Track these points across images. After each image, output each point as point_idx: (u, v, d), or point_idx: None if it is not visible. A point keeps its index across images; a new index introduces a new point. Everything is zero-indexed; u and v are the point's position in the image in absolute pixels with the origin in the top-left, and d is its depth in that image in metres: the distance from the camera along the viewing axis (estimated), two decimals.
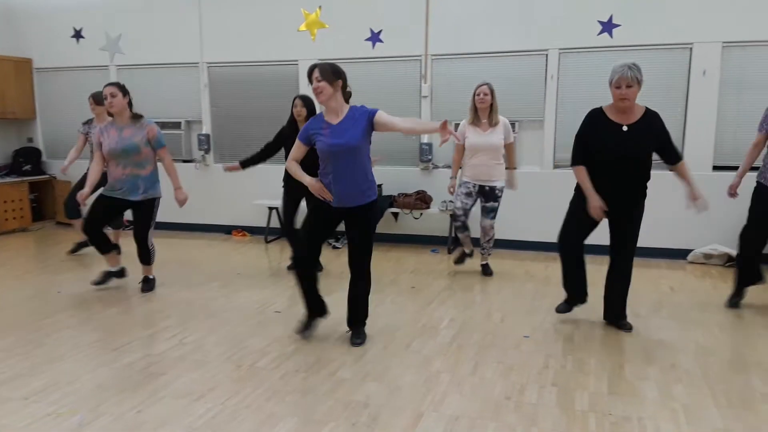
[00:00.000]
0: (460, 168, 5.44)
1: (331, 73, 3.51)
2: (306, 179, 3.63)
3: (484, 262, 5.68)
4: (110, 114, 4.82)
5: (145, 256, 5.00)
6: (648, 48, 5.94)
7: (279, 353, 3.64)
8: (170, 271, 5.61)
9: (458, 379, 3.29)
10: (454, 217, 5.50)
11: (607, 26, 5.98)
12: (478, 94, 5.18)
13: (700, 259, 5.93)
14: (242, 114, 7.55)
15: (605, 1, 6.01)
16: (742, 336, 3.98)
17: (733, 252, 5.76)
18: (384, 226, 6.93)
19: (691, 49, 5.87)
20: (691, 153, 5.90)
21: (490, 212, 5.36)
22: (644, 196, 3.93)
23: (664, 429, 2.74)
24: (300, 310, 4.49)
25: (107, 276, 5.11)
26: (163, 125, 7.79)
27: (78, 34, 8.00)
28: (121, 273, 5.19)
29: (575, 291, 4.23)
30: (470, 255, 5.69)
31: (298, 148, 3.69)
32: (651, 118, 3.81)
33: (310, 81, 3.54)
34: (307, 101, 5.44)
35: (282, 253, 6.59)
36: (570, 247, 4.13)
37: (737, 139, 5.81)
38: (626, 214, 3.91)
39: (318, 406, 2.95)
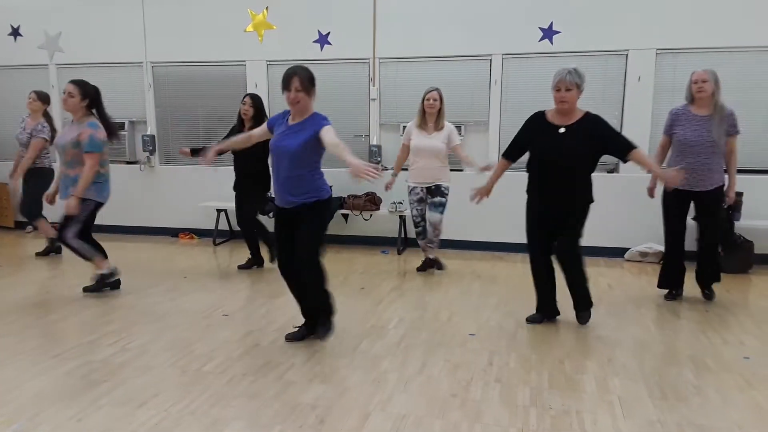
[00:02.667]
0: (405, 170, 5.54)
1: (309, 82, 3.53)
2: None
3: (432, 256, 5.78)
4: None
5: (77, 254, 4.80)
6: (586, 54, 6.16)
7: (226, 357, 3.61)
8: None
9: (405, 378, 3.34)
10: (414, 224, 5.63)
11: (548, 33, 6.17)
12: (428, 99, 5.30)
13: (636, 257, 6.19)
14: (189, 114, 7.43)
15: (546, 9, 6.21)
16: (676, 330, 4.18)
17: None
18: (334, 227, 6.91)
19: (626, 55, 6.13)
20: None
21: (438, 207, 5.47)
22: (585, 198, 4.04)
23: (602, 421, 2.86)
24: (248, 313, 4.49)
25: (102, 279, 4.95)
26: None
27: (15, 32, 7.69)
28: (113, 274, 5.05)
29: (542, 304, 4.30)
30: (433, 261, 5.80)
31: (261, 128, 3.86)
32: (590, 121, 3.96)
33: (288, 88, 3.49)
34: (256, 101, 5.46)
35: (231, 256, 6.52)
36: (534, 255, 4.23)
37: None
38: (565, 216, 4.04)
39: (265, 410, 2.94)
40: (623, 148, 3.95)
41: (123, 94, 7.55)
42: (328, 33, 6.80)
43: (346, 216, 7.00)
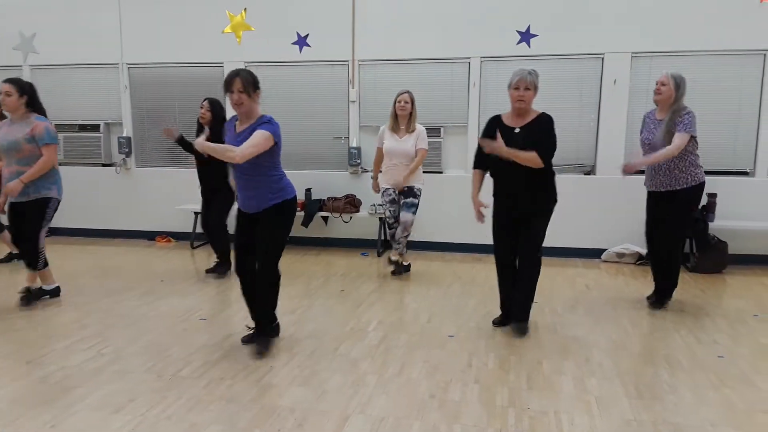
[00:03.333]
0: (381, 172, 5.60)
1: (252, 84, 3.49)
2: None
3: (395, 258, 5.71)
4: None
5: (33, 258, 4.60)
6: (563, 57, 6.23)
7: (203, 361, 3.58)
8: (88, 280, 5.38)
9: (385, 380, 3.34)
10: (388, 225, 5.65)
11: (525, 36, 6.23)
12: (399, 102, 5.32)
13: (614, 257, 6.27)
14: (165, 116, 7.35)
15: (524, 13, 6.27)
16: (652, 330, 4.23)
17: (644, 251, 6.13)
18: (314, 230, 6.93)
19: (602, 59, 6.21)
20: (604, 158, 6.26)
21: (410, 207, 5.47)
22: (544, 197, 4.02)
23: (579, 421, 2.89)
24: (226, 317, 4.45)
25: (38, 294, 4.80)
26: (81, 128, 7.51)
27: None
28: (56, 291, 4.92)
29: (506, 306, 4.28)
30: (408, 267, 5.81)
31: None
32: (542, 120, 3.97)
33: (230, 90, 3.47)
34: (214, 105, 5.43)
35: (209, 259, 6.45)
36: (499, 258, 4.24)
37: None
38: (526, 214, 4.02)
39: (243, 414, 2.92)
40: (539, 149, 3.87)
41: (98, 96, 7.46)
42: (307, 35, 6.79)
43: (325, 218, 6.98)
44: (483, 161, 4.14)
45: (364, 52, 6.71)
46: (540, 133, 3.93)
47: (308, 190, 6.84)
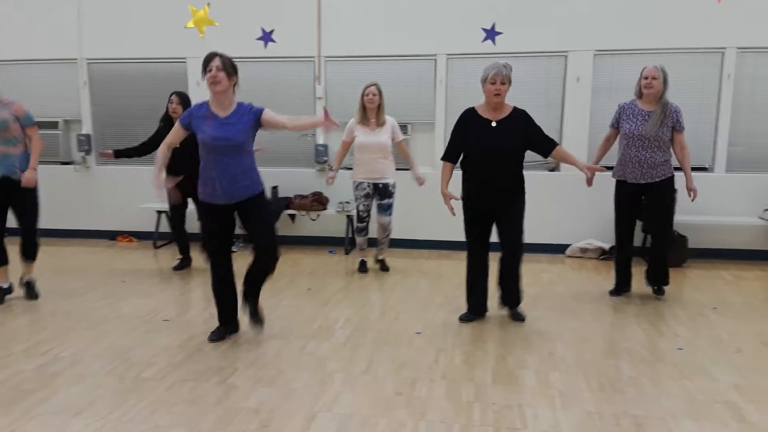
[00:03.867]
0: (348, 168, 5.54)
1: (231, 67, 3.49)
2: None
3: (381, 257, 5.81)
4: None
5: (33, 249, 4.70)
6: (527, 55, 6.30)
7: (166, 363, 3.51)
8: (47, 281, 5.23)
9: (352, 378, 3.32)
10: (357, 217, 5.59)
11: (491, 34, 6.27)
12: (367, 95, 5.30)
13: (577, 253, 6.37)
14: (127, 113, 7.19)
15: (489, 10, 6.31)
16: (613, 324, 4.31)
17: (606, 245, 6.26)
18: (280, 228, 6.86)
19: (566, 57, 6.29)
20: None
21: (386, 209, 5.50)
22: (520, 189, 4.14)
23: (542, 414, 2.92)
24: (190, 318, 4.38)
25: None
26: (39, 125, 7.26)
27: None
28: (9, 290, 4.80)
29: (478, 300, 4.33)
30: (366, 267, 5.81)
31: (176, 133, 3.65)
32: (519, 115, 4.06)
33: (208, 69, 3.43)
34: (183, 98, 5.39)
35: (173, 258, 6.33)
36: (475, 251, 4.26)
37: None
38: (504, 206, 4.10)
39: (207, 416, 2.87)
40: (547, 144, 4.09)
41: (56, 92, 7.25)
42: (272, 30, 6.71)
43: (293, 216, 6.92)
44: (456, 154, 4.16)
45: (330, 49, 6.67)
46: (530, 127, 4.05)
47: (275, 188, 6.77)
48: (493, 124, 4.01)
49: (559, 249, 6.46)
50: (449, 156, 4.19)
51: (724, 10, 5.91)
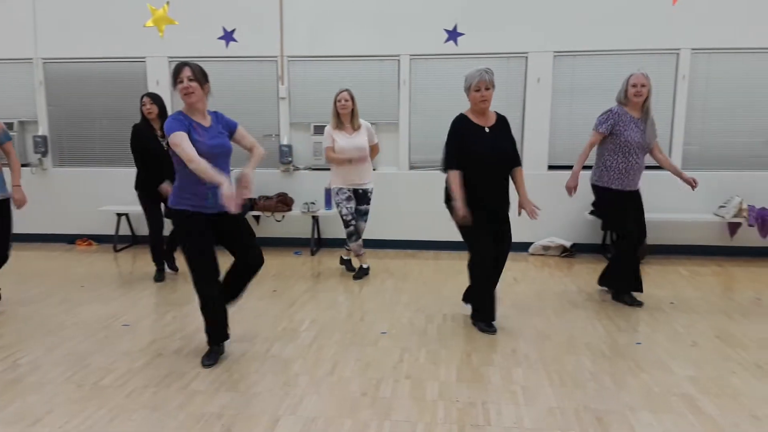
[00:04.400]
0: (320, 170, 5.50)
1: (201, 75, 3.43)
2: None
3: (347, 257, 5.84)
4: None
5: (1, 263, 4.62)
6: (489, 56, 6.36)
7: (126, 369, 3.44)
8: (5, 287, 5.08)
9: (316, 380, 3.31)
10: (344, 222, 5.41)
11: (453, 35, 6.32)
12: (339, 101, 5.27)
13: (540, 250, 6.47)
14: (84, 114, 7.02)
15: (451, 11, 6.36)
16: (575, 320, 4.39)
17: (567, 243, 6.37)
18: None
19: (526, 58, 6.38)
20: (529, 154, 6.45)
21: (363, 215, 5.48)
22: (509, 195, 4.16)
23: (505, 410, 2.96)
24: (151, 322, 4.29)
25: None
26: None
27: None
28: None
29: (490, 308, 4.16)
30: (367, 270, 5.68)
31: (188, 141, 3.28)
32: (504, 121, 4.12)
33: (178, 80, 3.34)
34: (156, 99, 5.29)
35: (134, 262, 6.22)
36: (486, 258, 4.05)
37: (569, 141, 6.41)
38: (504, 212, 4.12)
39: (168, 422, 2.83)
40: (517, 160, 4.16)
41: (11, 93, 7.03)
42: (234, 30, 6.64)
43: (257, 217, 6.86)
44: (463, 161, 3.97)
45: (293, 48, 6.63)
46: (510, 135, 4.10)
47: None
48: (486, 129, 4.03)
49: (522, 247, 6.54)
50: (458, 164, 3.98)
51: (679, 12, 6.09)
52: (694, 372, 3.43)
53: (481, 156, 3.96)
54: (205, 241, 3.44)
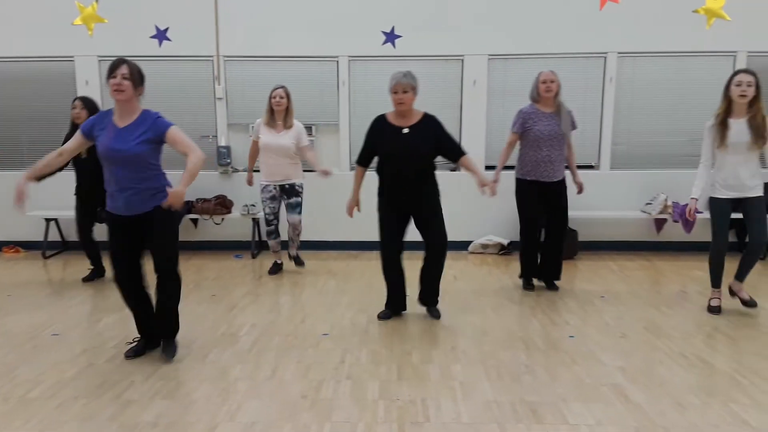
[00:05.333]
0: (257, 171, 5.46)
1: (138, 75, 3.34)
2: None
3: (295, 254, 5.81)
4: None
5: None
6: (426, 59, 6.46)
7: (56, 380, 3.30)
8: None
9: (256, 384, 3.27)
10: (267, 222, 5.54)
11: (390, 37, 6.38)
12: (274, 97, 5.27)
13: (479, 249, 6.61)
14: (9, 115, 6.69)
15: (389, 13, 6.40)
16: (512, 315, 4.51)
17: (505, 241, 6.54)
18: (182, 233, 6.57)
19: (462, 60, 6.51)
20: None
21: (295, 207, 5.50)
22: (434, 191, 4.26)
23: (444, 406, 3.01)
24: (82, 331, 4.14)
25: None
26: None
27: None
28: None
29: (395, 299, 4.43)
30: (281, 265, 5.82)
31: (76, 139, 3.45)
32: (429, 121, 4.18)
33: (113, 75, 3.25)
34: (88, 103, 5.13)
35: (64, 269, 5.97)
36: (389, 254, 4.32)
37: (504, 142, 6.54)
38: (418, 207, 4.21)
39: None
40: (456, 152, 4.25)
41: None
42: (167, 28, 6.47)
43: (195, 221, 6.71)
44: (368, 159, 4.29)
45: (230, 48, 6.52)
46: (440, 134, 4.18)
47: None
48: (405, 130, 4.11)
49: (462, 246, 6.66)
50: (361, 160, 4.31)
51: (606, 17, 6.34)
52: (623, 362, 3.58)
53: (389, 155, 4.14)
54: (115, 241, 3.50)
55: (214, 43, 6.48)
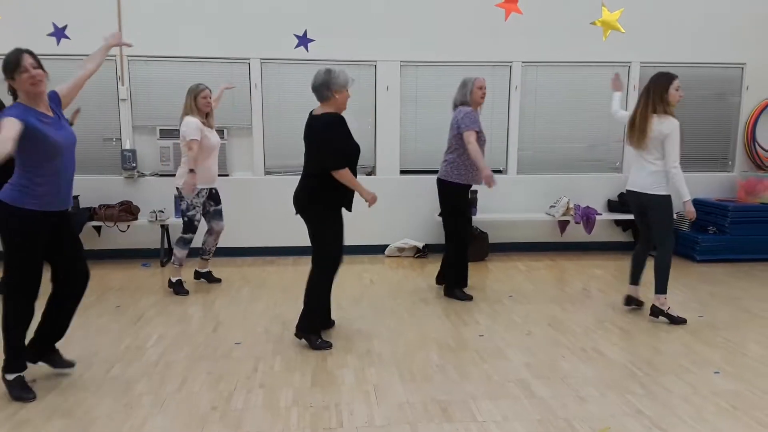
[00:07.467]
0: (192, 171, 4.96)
1: (39, 62, 3.16)
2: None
3: (208, 269, 5.61)
4: None
5: None
6: (339, 63, 6.43)
7: None
8: None
9: (162, 398, 3.15)
10: (191, 228, 5.12)
11: (303, 40, 6.33)
12: (204, 97, 5.07)
13: (395, 252, 6.69)
14: None
15: (301, 17, 6.34)
16: (425, 317, 4.58)
17: (420, 244, 6.65)
18: (85, 241, 6.24)
19: (375, 66, 6.58)
20: (382, 160, 6.67)
21: (221, 214, 5.39)
22: (308, 198, 3.93)
23: (357, 410, 3.03)
24: None
25: None
26: None
27: None
28: None
29: (324, 315, 4.22)
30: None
31: (16, 128, 2.89)
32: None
33: (22, 69, 3.01)
34: None
35: None
36: (337, 261, 4.00)
37: (417, 147, 6.73)
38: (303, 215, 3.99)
39: None
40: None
41: None
42: (66, 26, 6.10)
43: (98, 228, 6.37)
44: (348, 159, 3.90)
45: (134, 47, 6.23)
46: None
47: (75, 198, 6.17)
48: None
49: (378, 249, 6.71)
50: (344, 163, 3.82)
51: (510, 27, 6.59)
52: (529, 358, 3.74)
53: (356, 154, 3.97)
54: (43, 243, 3.26)
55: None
